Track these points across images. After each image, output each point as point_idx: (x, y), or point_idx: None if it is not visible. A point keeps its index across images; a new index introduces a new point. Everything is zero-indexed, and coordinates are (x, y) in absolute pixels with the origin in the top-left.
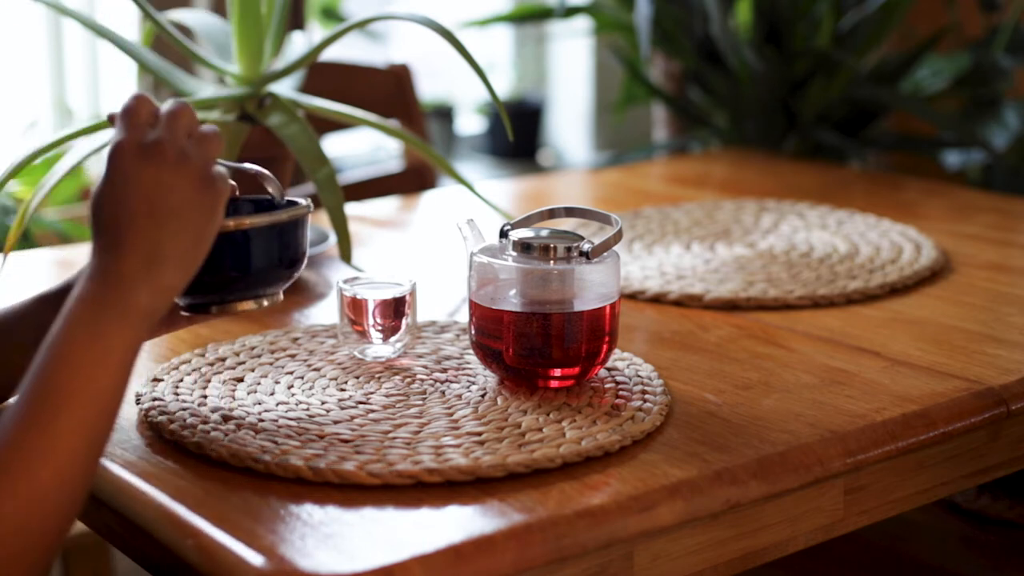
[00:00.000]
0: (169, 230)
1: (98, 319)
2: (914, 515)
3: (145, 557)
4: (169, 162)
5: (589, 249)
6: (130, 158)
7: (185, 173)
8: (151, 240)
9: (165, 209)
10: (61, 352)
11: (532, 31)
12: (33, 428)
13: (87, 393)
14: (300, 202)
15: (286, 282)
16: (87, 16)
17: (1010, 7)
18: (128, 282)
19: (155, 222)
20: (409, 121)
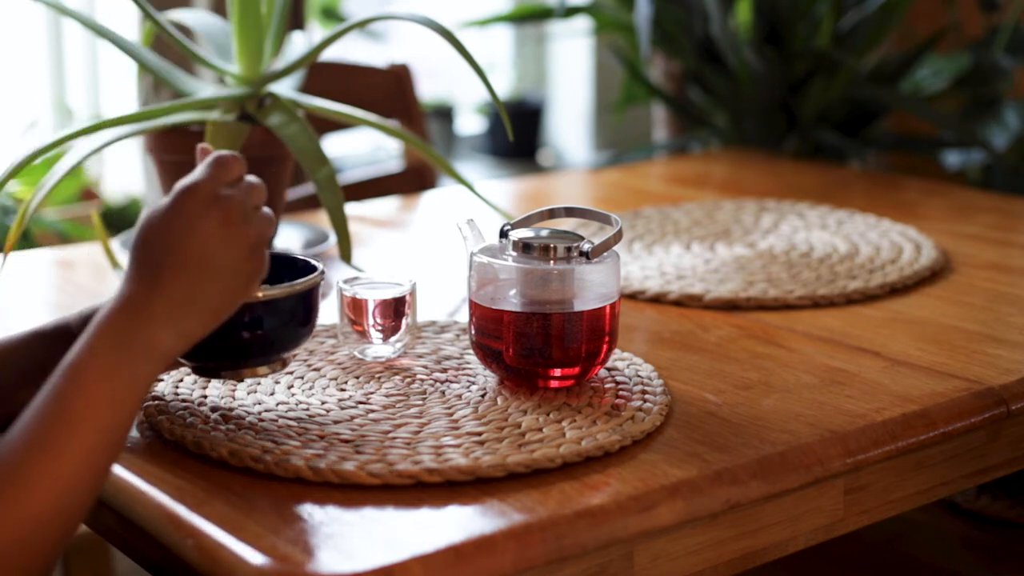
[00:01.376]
0: (210, 284)
1: (119, 352)
2: (914, 515)
3: (145, 557)
4: (234, 221)
5: (589, 249)
6: (201, 203)
7: (243, 236)
8: (190, 289)
9: (214, 264)
10: (78, 378)
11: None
12: (38, 449)
13: (97, 423)
14: (317, 266)
15: (296, 346)
16: (87, 16)
17: (1010, 7)
18: (158, 323)
19: (200, 273)
20: (409, 121)
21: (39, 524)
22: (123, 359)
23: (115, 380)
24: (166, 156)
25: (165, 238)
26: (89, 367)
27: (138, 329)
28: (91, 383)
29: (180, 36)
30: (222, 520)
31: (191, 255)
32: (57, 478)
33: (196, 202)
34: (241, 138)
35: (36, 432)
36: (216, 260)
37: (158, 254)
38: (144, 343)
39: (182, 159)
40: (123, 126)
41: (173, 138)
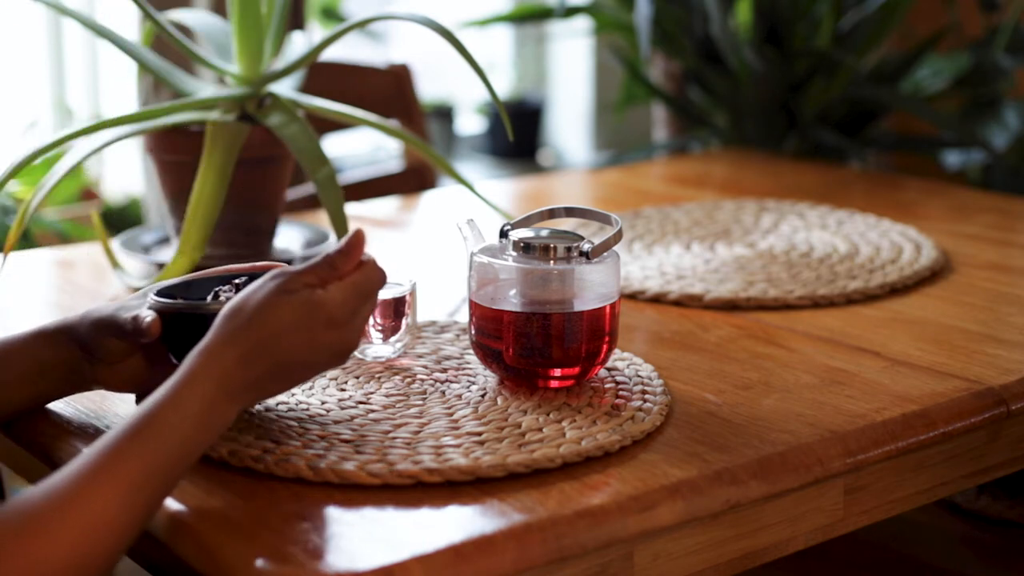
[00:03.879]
0: (280, 381)
1: (181, 425)
2: (914, 515)
3: (145, 557)
4: (338, 326)
5: (589, 249)
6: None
7: (334, 355)
8: (267, 381)
9: (293, 369)
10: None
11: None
12: (78, 499)
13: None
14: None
15: None
16: (87, 16)
17: (1010, 7)
18: (226, 402)
19: (279, 372)
20: (409, 121)
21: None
22: (184, 434)
23: (168, 453)
24: (166, 156)
25: (260, 329)
26: (144, 438)
27: (209, 410)
28: (141, 457)
29: (180, 36)
30: (222, 520)
31: (286, 354)
32: (90, 527)
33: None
34: (241, 138)
35: (81, 478)
36: (302, 363)
37: (257, 341)
38: (209, 421)
39: (182, 159)
40: (123, 126)
41: (173, 138)
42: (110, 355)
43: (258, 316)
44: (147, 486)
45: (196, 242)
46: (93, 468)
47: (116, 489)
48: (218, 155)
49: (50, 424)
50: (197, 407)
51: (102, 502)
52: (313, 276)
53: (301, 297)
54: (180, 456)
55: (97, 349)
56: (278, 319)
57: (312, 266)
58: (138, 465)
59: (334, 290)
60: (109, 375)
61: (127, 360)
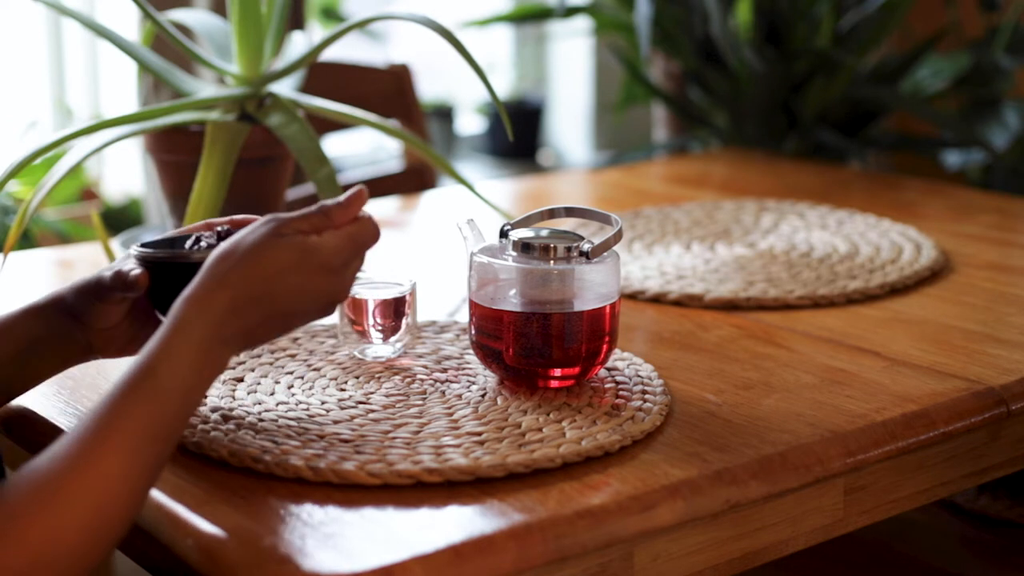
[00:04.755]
0: (274, 327)
1: (176, 374)
2: (914, 515)
3: (145, 557)
4: (331, 272)
5: (589, 249)
6: (319, 269)
7: (329, 301)
8: (259, 327)
9: (287, 313)
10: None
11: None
12: (85, 461)
13: (142, 454)
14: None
15: None
16: (87, 16)
17: (1010, 7)
18: (219, 348)
19: (272, 317)
20: (409, 121)
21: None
22: (180, 383)
23: (166, 405)
24: (166, 156)
25: (253, 271)
26: (143, 389)
27: (203, 357)
28: (142, 406)
29: (180, 36)
30: (222, 520)
31: (277, 298)
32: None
33: (312, 262)
34: (241, 138)
35: (87, 441)
36: (298, 313)
37: (250, 290)
38: (204, 367)
39: (182, 159)
40: (123, 126)
41: (173, 138)
42: (101, 320)
43: (251, 258)
44: (152, 440)
45: None
46: (97, 429)
47: (123, 447)
48: (218, 155)
49: (51, 426)
50: (192, 355)
51: (110, 462)
52: (307, 223)
53: (295, 241)
54: (180, 406)
55: (87, 316)
56: (272, 261)
57: (307, 214)
58: (141, 421)
59: (329, 236)
60: (104, 342)
61: (120, 324)
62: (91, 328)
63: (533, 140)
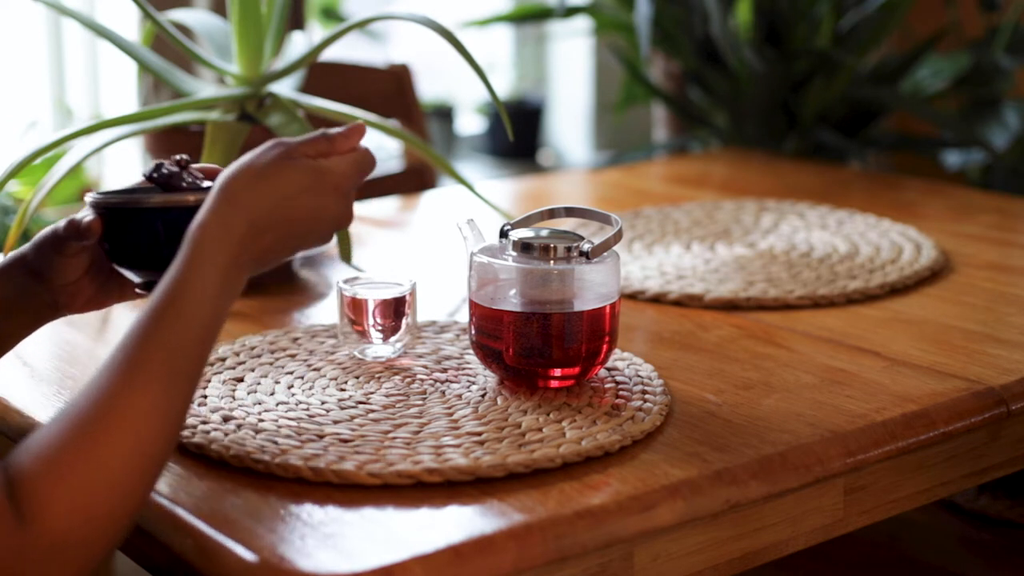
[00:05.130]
0: (289, 250)
1: (203, 297)
2: (914, 515)
3: (145, 557)
4: (342, 195)
5: (589, 249)
6: (332, 191)
7: (338, 224)
8: (274, 250)
9: (303, 238)
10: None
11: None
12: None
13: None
14: None
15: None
16: (87, 16)
17: (1010, 7)
18: (236, 272)
19: (294, 244)
20: (409, 121)
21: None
22: (221, 308)
23: (196, 324)
24: (166, 156)
25: (271, 192)
26: (169, 315)
27: (225, 282)
28: (174, 328)
29: (180, 36)
30: (222, 520)
31: (296, 231)
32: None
33: (326, 183)
34: (241, 138)
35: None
36: (311, 231)
37: (268, 213)
38: (224, 291)
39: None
40: (123, 126)
41: (173, 138)
42: (63, 274)
43: (267, 180)
44: (183, 369)
45: None
46: (127, 365)
47: (156, 379)
48: (218, 155)
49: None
50: (215, 281)
51: (145, 396)
52: (313, 148)
53: (308, 163)
54: (207, 333)
55: (49, 271)
56: (288, 183)
57: (312, 139)
58: (170, 351)
59: (338, 161)
60: (69, 297)
61: (83, 278)
62: (55, 284)
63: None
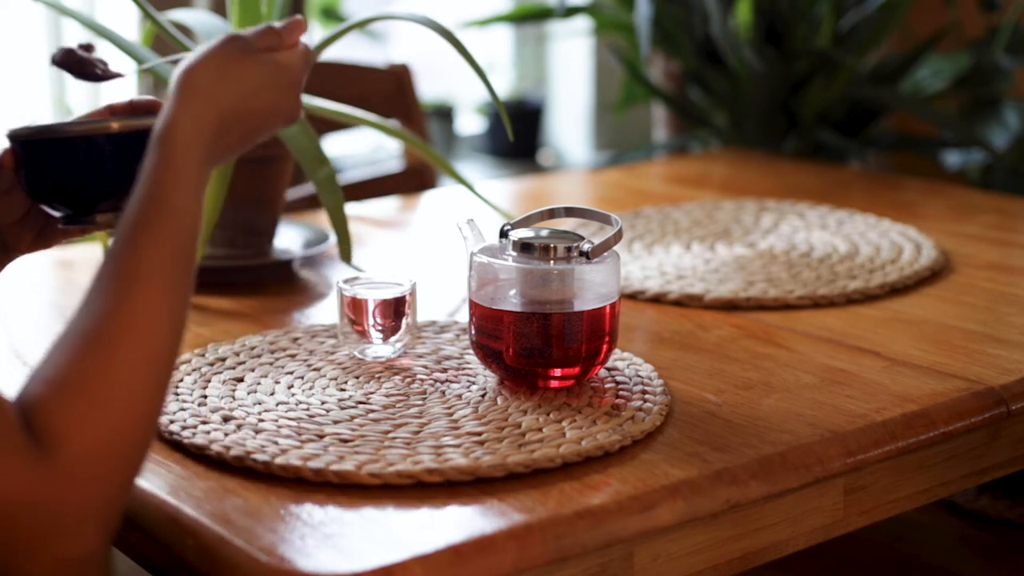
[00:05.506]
0: (246, 143)
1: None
2: (914, 515)
3: (145, 557)
4: (295, 90)
5: (589, 249)
6: (288, 86)
7: (293, 111)
8: (238, 148)
9: (259, 132)
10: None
11: (532, 31)
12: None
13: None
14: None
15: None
16: (87, 16)
17: (1010, 7)
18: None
19: (253, 139)
20: (409, 121)
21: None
22: (199, 203)
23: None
24: None
25: (237, 85)
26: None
27: (206, 174)
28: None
29: (180, 36)
30: (222, 520)
31: (254, 118)
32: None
33: (295, 77)
34: None
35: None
36: (261, 127)
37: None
38: (204, 188)
39: None
40: None
41: None
42: (3, 214)
43: (231, 75)
44: (182, 266)
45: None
46: (124, 273)
47: (154, 281)
48: None
49: None
50: (196, 175)
51: (150, 297)
52: (264, 41)
53: (266, 58)
54: (195, 226)
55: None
56: (250, 77)
57: (262, 32)
58: (168, 249)
59: (289, 55)
60: (15, 238)
61: (26, 217)
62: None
63: (533, 140)
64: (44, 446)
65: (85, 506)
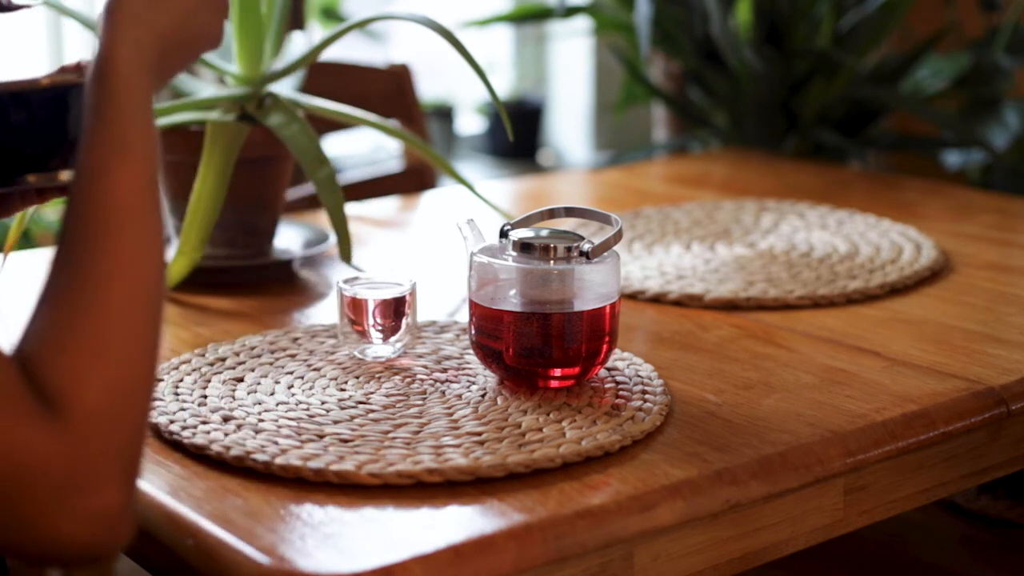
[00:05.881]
0: (186, 66)
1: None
2: (914, 515)
3: (145, 557)
4: (224, 13)
5: (589, 249)
6: (221, 8)
7: (220, 35)
8: (178, 67)
9: (196, 54)
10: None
11: (532, 31)
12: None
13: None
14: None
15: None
16: (87, 16)
17: (1010, 7)
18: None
19: (188, 61)
20: (409, 121)
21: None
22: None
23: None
24: (166, 156)
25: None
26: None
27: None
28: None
29: None
30: (222, 520)
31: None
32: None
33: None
34: (241, 138)
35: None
36: (195, 47)
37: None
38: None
39: (182, 159)
40: None
41: (173, 138)
42: None
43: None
44: (149, 201)
45: (196, 242)
46: (97, 215)
47: (132, 220)
48: (218, 155)
49: None
50: (144, 102)
51: (126, 238)
52: None
53: None
54: (153, 157)
55: None
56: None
57: None
58: (133, 187)
59: None
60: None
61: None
62: None
63: (533, 140)
64: (52, 405)
65: (101, 460)
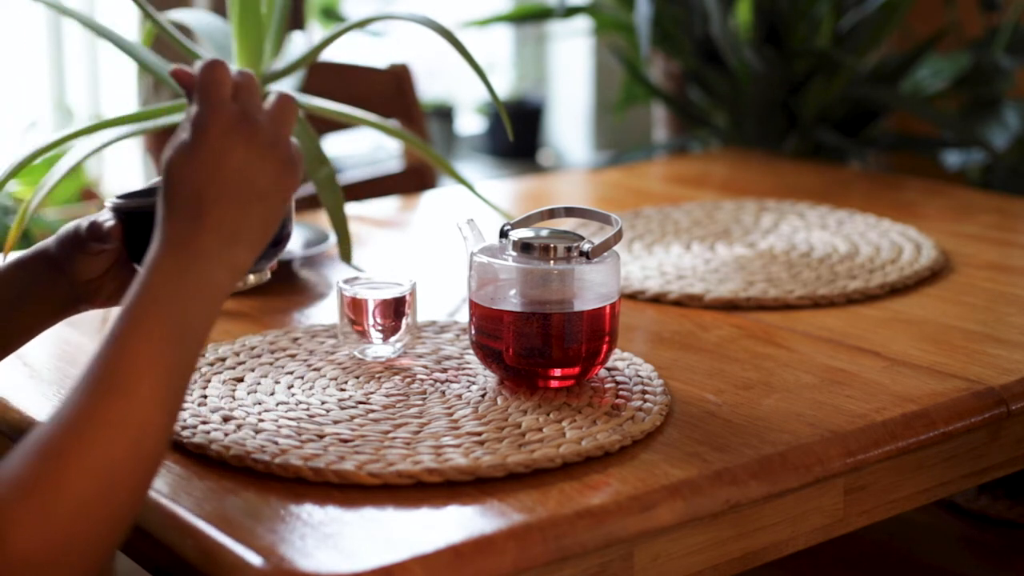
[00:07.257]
0: (252, 213)
1: (177, 294)
2: (914, 515)
3: (145, 558)
4: (260, 144)
5: (589, 249)
6: (221, 135)
7: (274, 157)
8: (233, 221)
9: (252, 193)
10: (140, 325)
11: (532, 31)
12: (108, 395)
13: (163, 366)
14: None
15: (271, 260)
16: (87, 16)
17: (1010, 7)
18: (207, 259)
19: (240, 204)
20: (409, 121)
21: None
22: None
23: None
24: None
25: (198, 178)
26: (149, 314)
27: (192, 269)
28: (154, 328)
29: (180, 36)
30: (222, 520)
31: (228, 190)
32: (131, 422)
33: (216, 135)
34: None
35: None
36: (253, 189)
37: (195, 194)
38: (200, 283)
39: None
40: (123, 126)
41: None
42: (84, 271)
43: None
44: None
45: None
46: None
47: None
48: None
49: None
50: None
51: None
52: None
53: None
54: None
55: (71, 267)
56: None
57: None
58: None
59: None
60: (90, 293)
61: (104, 276)
62: (76, 279)
63: (533, 140)
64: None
65: None
